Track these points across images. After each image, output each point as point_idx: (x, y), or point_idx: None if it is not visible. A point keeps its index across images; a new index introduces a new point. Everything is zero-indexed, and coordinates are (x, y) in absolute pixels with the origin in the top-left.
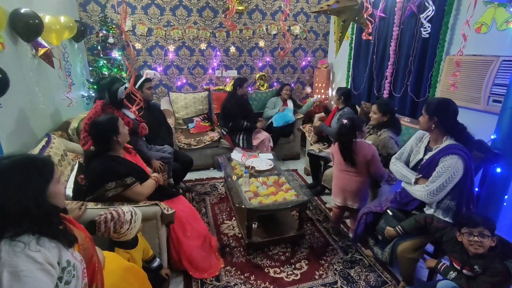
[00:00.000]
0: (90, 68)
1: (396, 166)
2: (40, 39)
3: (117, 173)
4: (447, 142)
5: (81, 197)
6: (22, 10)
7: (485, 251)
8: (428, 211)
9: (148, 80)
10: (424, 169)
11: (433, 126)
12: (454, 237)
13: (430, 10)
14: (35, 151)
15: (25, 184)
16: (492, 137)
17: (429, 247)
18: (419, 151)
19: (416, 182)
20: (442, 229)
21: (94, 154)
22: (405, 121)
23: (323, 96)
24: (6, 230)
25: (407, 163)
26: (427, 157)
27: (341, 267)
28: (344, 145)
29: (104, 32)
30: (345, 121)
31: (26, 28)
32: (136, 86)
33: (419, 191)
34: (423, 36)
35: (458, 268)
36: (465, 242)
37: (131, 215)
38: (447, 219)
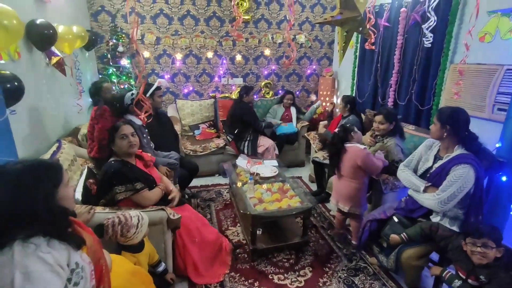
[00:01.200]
0: (100, 76)
1: (405, 173)
2: (53, 48)
3: (126, 178)
4: (458, 151)
5: (90, 201)
6: (38, 21)
7: (490, 261)
8: (435, 219)
9: (159, 88)
10: (434, 178)
11: (445, 134)
12: (460, 246)
13: (432, 21)
14: (47, 156)
15: (36, 187)
16: (497, 145)
17: (434, 256)
18: (428, 159)
19: (425, 191)
20: (447, 238)
21: (108, 155)
22: (409, 129)
23: (328, 104)
24: (18, 232)
25: (415, 170)
26: (437, 165)
27: (345, 274)
28: (334, 151)
29: (114, 41)
30: (337, 129)
31: (41, 38)
32: (148, 94)
33: (428, 199)
34: (425, 46)
35: (463, 277)
36: (468, 252)
37: (138, 220)
38: (453, 228)
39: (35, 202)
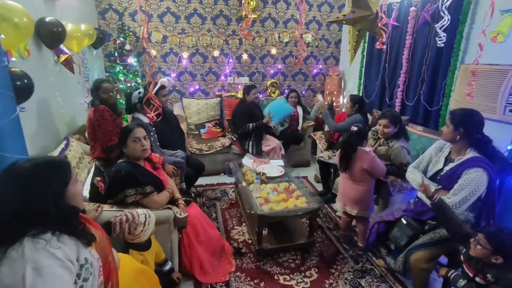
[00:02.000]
0: (107, 74)
1: (414, 175)
2: (62, 46)
3: (137, 181)
4: (470, 154)
5: (98, 199)
6: (47, 19)
7: (483, 257)
8: None
9: (162, 87)
10: (445, 180)
11: (458, 137)
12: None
13: (445, 20)
14: (55, 153)
15: (45, 186)
16: (509, 147)
17: (443, 259)
18: (438, 161)
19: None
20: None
21: (117, 156)
22: (417, 130)
23: (334, 104)
24: (29, 229)
25: (424, 172)
26: (447, 168)
27: (351, 276)
28: (347, 152)
29: (122, 39)
30: (355, 128)
31: (50, 35)
32: (152, 93)
33: None
34: (438, 45)
35: (471, 275)
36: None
37: (145, 218)
38: None
39: (44, 201)
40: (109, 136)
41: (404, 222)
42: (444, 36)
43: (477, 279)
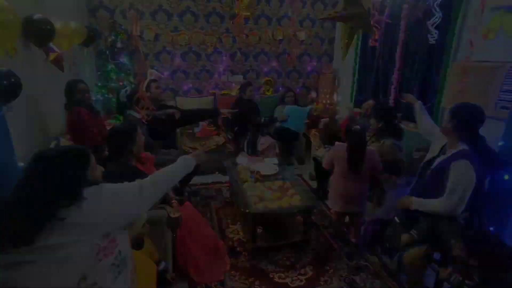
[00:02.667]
0: (99, 73)
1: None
2: (51, 44)
3: (131, 180)
4: (461, 147)
5: None
6: (35, 16)
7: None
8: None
9: (154, 80)
10: (435, 172)
11: (450, 129)
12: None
13: (437, 17)
14: None
15: (68, 167)
16: (500, 144)
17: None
18: (434, 150)
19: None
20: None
21: (107, 158)
22: (410, 127)
23: (329, 101)
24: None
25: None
26: (440, 159)
27: (346, 273)
28: (360, 152)
29: (113, 37)
30: (357, 127)
31: (39, 33)
32: (144, 88)
33: (440, 206)
34: (430, 42)
35: (460, 278)
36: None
37: None
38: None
39: (67, 179)
40: (90, 135)
41: (398, 221)
42: (436, 33)
43: (467, 281)
